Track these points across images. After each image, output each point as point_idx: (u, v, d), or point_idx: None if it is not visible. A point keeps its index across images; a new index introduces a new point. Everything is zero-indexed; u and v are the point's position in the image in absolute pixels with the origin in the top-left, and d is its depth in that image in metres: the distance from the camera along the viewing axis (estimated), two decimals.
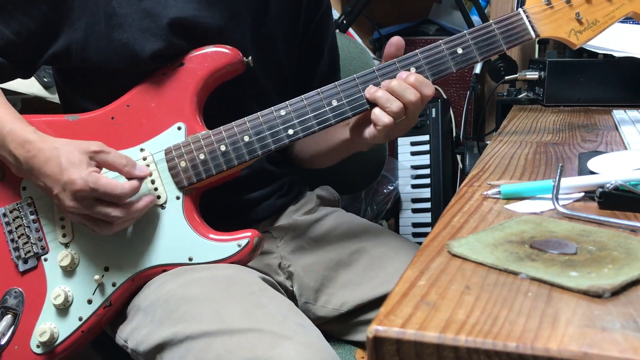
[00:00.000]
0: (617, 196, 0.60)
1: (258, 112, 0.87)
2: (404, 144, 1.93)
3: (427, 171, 1.91)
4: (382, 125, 0.83)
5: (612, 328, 0.38)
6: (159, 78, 0.89)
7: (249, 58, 0.90)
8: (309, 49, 1.08)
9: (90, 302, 0.87)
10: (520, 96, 1.42)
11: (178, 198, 0.88)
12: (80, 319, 0.87)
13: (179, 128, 0.88)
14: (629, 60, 1.24)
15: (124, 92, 0.90)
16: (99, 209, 0.80)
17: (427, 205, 1.91)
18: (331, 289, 0.99)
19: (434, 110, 1.87)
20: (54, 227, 0.89)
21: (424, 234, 1.89)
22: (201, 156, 0.87)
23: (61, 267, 0.87)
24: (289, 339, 0.74)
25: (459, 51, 0.86)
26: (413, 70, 0.85)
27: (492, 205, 0.64)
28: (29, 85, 1.41)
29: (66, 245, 0.88)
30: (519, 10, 0.87)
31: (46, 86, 1.43)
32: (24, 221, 0.89)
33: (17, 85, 1.36)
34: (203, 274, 0.84)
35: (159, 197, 0.87)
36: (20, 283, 0.89)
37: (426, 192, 1.91)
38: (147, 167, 0.87)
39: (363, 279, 0.98)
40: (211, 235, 0.87)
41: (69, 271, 0.88)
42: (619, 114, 1.12)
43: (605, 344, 0.36)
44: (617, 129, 1.02)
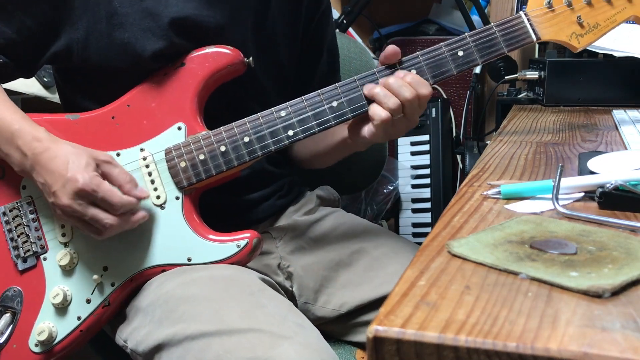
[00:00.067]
0: (617, 196, 0.60)
1: (258, 113, 0.87)
2: (404, 144, 1.93)
3: (427, 171, 1.91)
4: (380, 120, 0.84)
5: (612, 328, 0.38)
6: (159, 78, 0.89)
7: (250, 59, 0.90)
8: (309, 49, 1.08)
9: (89, 301, 0.87)
10: (520, 96, 1.42)
11: (177, 198, 0.88)
12: (79, 318, 0.87)
13: (179, 128, 0.88)
14: (629, 60, 1.24)
15: (124, 91, 0.90)
16: (94, 212, 0.80)
17: (427, 205, 1.91)
18: (331, 289, 0.99)
19: (434, 110, 1.87)
20: (54, 227, 0.89)
21: (424, 234, 1.89)
22: (201, 156, 0.87)
23: (60, 266, 0.87)
24: (288, 339, 0.74)
25: (460, 53, 0.86)
26: (413, 72, 0.85)
27: (492, 205, 0.64)
28: (29, 85, 1.41)
29: (65, 244, 0.88)
30: (521, 13, 0.87)
31: (46, 86, 1.43)
32: (23, 220, 0.89)
33: (18, 85, 1.36)
34: (202, 274, 0.84)
35: (158, 197, 0.87)
36: (19, 282, 0.89)
37: (426, 192, 1.91)
38: (147, 166, 0.88)
39: (363, 280, 0.98)
40: (210, 236, 0.87)
41: (68, 270, 0.88)
42: (619, 114, 1.12)
43: (605, 344, 0.36)
44: (617, 129, 1.02)
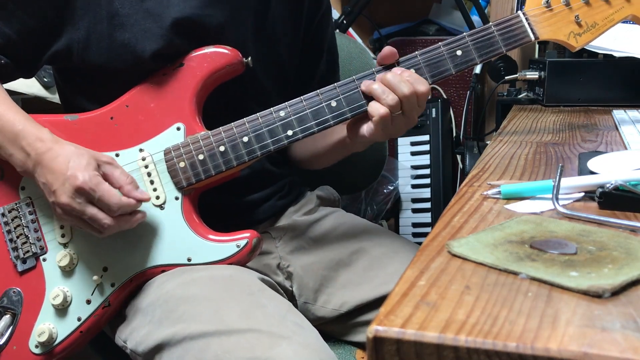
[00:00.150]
0: (617, 196, 0.60)
1: (257, 113, 0.87)
2: (404, 144, 1.93)
3: (427, 171, 1.91)
4: (378, 116, 0.83)
5: (612, 328, 0.38)
6: (158, 78, 0.89)
7: (249, 59, 0.90)
8: (309, 49, 1.08)
9: (89, 302, 0.87)
10: (520, 96, 1.42)
11: (177, 198, 0.88)
12: (79, 319, 0.87)
13: (178, 128, 0.88)
14: (629, 60, 1.24)
15: (124, 92, 0.90)
16: (92, 211, 0.80)
17: (427, 205, 1.91)
18: (331, 289, 0.99)
19: (434, 110, 1.87)
20: (53, 227, 0.88)
21: (424, 234, 1.89)
22: (200, 157, 0.87)
23: (60, 267, 0.87)
24: (287, 339, 0.74)
25: (458, 53, 0.86)
26: (412, 71, 0.85)
27: (492, 205, 0.64)
28: (29, 85, 1.41)
29: (65, 245, 0.88)
30: (519, 12, 0.87)
31: (46, 86, 1.43)
32: (22, 221, 0.89)
33: (18, 85, 1.36)
34: (202, 274, 0.84)
35: (157, 197, 0.87)
36: (19, 283, 0.88)
37: (426, 192, 1.91)
38: (147, 167, 0.87)
39: (363, 279, 0.97)
40: (210, 236, 0.87)
41: (68, 271, 0.88)
42: (619, 114, 1.12)
43: (605, 344, 0.36)
44: (617, 129, 1.02)
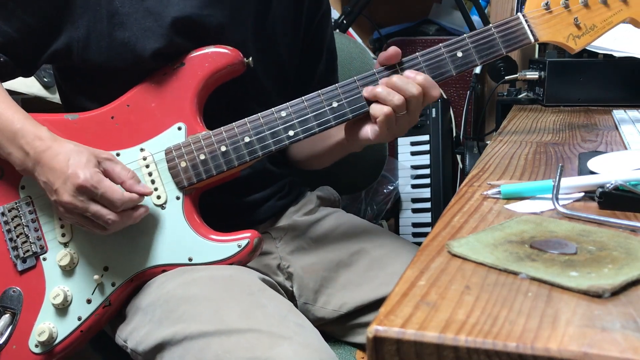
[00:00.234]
0: (617, 196, 0.60)
1: (259, 113, 0.87)
2: (404, 144, 1.93)
3: (427, 171, 1.91)
4: (383, 116, 0.83)
5: (612, 328, 0.38)
6: (159, 78, 0.89)
7: (250, 59, 0.90)
8: (309, 49, 1.08)
9: (89, 301, 0.87)
10: (520, 96, 1.42)
11: (178, 198, 0.88)
12: (80, 318, 0.87)
13: (179, 128, 0.88)
14: (629, 60, 1.24)
15: (124, 91, 0.90)
16: (95, 208, 0.80)
17: (427, 205, 1.91)
18: (331, 290, 0.99)
19: (434, 110, 1.87)
20: (53, 227, 0.88)
21: (424, 234, 1.89)
22: (201, 156, 0.87)
23: (60, 266, 0.87)
24: (287, 340, 0.74)
25: (459, 54, 0.86)
26: (426, 75, 0.85)
27: (492, 205, 0.64)
28: (29, 85, 1.41)
29: (65, 244, 0.88)
30: (519, 14, 0.88)
31: (46, 86, 1.43)
32: (22, 220, 0.89)
33: (17, 85, 1.36)
34: (203, 274, 0.84)
35: (158, 197, 0.87)
36: (19, 282, 0.89)
37: (426, 192, 1.91)
38: (148, 166, 0.88)
39: (363, 280, 0.97)
40: (211, 236, 0.87)
41: (68, 271, 0.88)
42: (619, 114, 1.12)
43: (605, 344, 0.36)
44: (617, 129, 1.02)
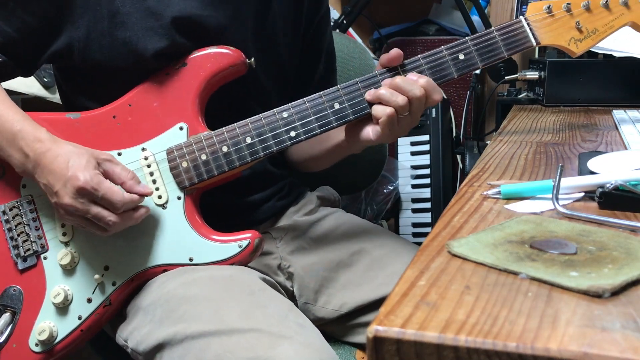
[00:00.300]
0: (617, 196, 0.61)
1: (260, 114, 0.87)
2: (404, 144, 1.93)
3: (427, 171, 1.91)
4: (386, 117, 0.83)
5: (612, 328, 0.38)
6: (161, 78, 0.89)
7: (252, 59, 0.90)
8: (309, 49, 1.08)
9: (90, 301, 0.87)
10: (520, 96, 1.42)
11: (179, 198, 0.88)
12: (80, 317, 0.87)
13: (180, 128, 0.88)
14: (629, 60, 1.24)
15: (125, 91, 0.90)
16: (96, 210, 0.80)
17: (427, 205, 1.91)
18: (331, 290, 0.99)
19: (434, 110, 1.87)
20: (54, 226, 0.89)
21: (424, 234, 1.89)
22: (203, 157, 0.87)
23: (61, 265, 0.87)
24: (288, 339, 0.74)
25: (461, 57, 0.87)
26: (429, 79, 0.85)
27: (492, 205, 0.64)
28: (29, 85, 1.41)
29: (66, 243, 0.88)
30: (521, 17, 0.88)
31: (46, 86, 1.43)
32: (23, 219, 0.89)
33: (18, 85, 1.36)
34: (203, 274, 0.84)
35: (160, 197, 0.87)
36: (19, 281, 0.89)
37: (426, 192, 1.91)
38: (149, 166, 0.88)
39: (363, 280, 0.98)
40: (212, 236, 0.87)
41: (69, 270, 0.88)
42: (619, 114, 1.12)
43: (605, 344, 0.36)
44: (617, 129, 1.02)
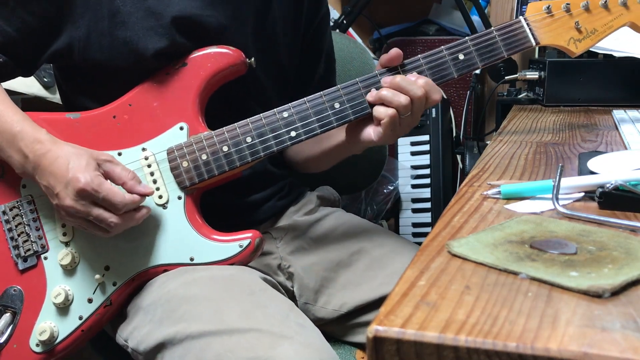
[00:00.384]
0: (617, 196, 0.61)
1: (261, 114, 0.87)
2: (404, 144, 1.93)
3: (427, 171, 1.91)
4: (388, 118, 0.83)
5: (612, 328, 0.38)
6: (161, 77, 0.89)
7: (252, 59, 0.90)
8: (309, 50, 1.08)
9: (90, 301, 0.87)
10: (520, 96, 1.42)
11: (180, 198, 0.88)
12: (81, 318, 0.87)
13: (181, 128, 0.88)
14: (629, 60, 1.24)
15: (125, 91, 0.90)
16: (97, 212, 0.80)
17: (427, 205, 1.91)
18: (331, 290, 0.99)
19: (434, 110, 1.87)
20: (54, 226, 0.89)
21: (424, 234, 1.89)
22: (203, 156, 0.87)
23: (61, 265, 0.87)
24: (289, 339, 0.74)
25: (461, 57, 0.87)
26: (428, 79, 0.85)
27: (492, 205, 0.64)
28: (29, 85, 1.41)
29: (66, 244, 0.88)
30: (520, 18, 0.89)
31: (46, 86, 1.43)
32: (23, 219, 0.89)
33: (17, 85, 1.36)
34: (204, 274, 0.84)
35: (160, 197, 0.87)
36: (20, 281, 0.89)
37: (426, 192, 1.91)
38: (149, 166, 0.88)
39: (363, 280, 0.98)
40: (213, 236, 0.87)
41: (70, 270, 0.88)
42: (619, 114, 1.12)
43: (605, 344, 0.36)
44: (617, 129, 1.02)
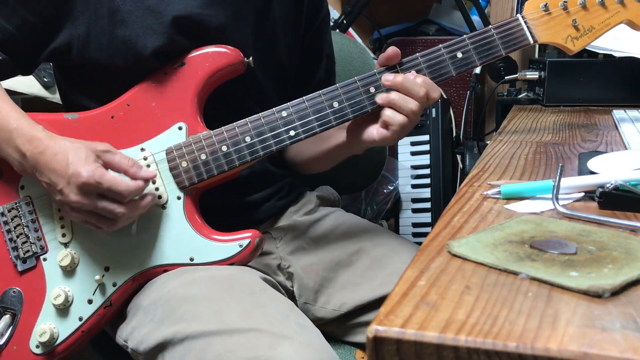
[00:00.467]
0: (617, 196, 0.61)
1: (260, 113, 0.87)
2: (404, 144, 1.93)
3: (427, 171, 1.91)
4: (398, 125, 0.84)
5: (612, 328, 0.38)
6: (159, 77, 0.89)
7: (250, 59, 0.90)
8: (309, 50, 1.08)
9: (90, 302, 0.87)
10: (520, 96, 1.42)
11: (179, 198, 0.88)
12: (81, 319, 0.87)
13: (179, 128, 0.88)
14: (629, 60, 1.24)
15: (124, 91, 0.90)
16: (103, 204, 0.80)
17: (427, 205, 1.91)
18: (331, 290, 0.99)
19: (434, 110, 1.87)
20: (53, 227, 0.88)
21: (424, 234, 1.89)
22: (202, 156, 0.87)
23: (61, 267, 0.87)
24: (289, 339, 0.74)
25: (459, 55, 0.87)
26: (426, 77, 0.86)
27: (492, 205, 0.64)
28: (29, 85, 1.41)
29: (66, 244, 0.88)
30: (518, 16, 0.89)
31: (46, 86, 1.44)
32: (22, 220, 0.89)
33: (17, 85, 1.36)
34: (204, 274, 0.84)
35: (160, 197, 0.87)
36: (19, 283, 0.88)
37: (426, 192, 1.91)
38: (149, 166, 0.88)
39: (363, 280, 0.98)
40: (212, 236, 0.87)
41: (69, 271, 0.88)
42: (619, 114, 1.12)
43: (605, 344, 0.36)
44: (617, 128, 1.02)
